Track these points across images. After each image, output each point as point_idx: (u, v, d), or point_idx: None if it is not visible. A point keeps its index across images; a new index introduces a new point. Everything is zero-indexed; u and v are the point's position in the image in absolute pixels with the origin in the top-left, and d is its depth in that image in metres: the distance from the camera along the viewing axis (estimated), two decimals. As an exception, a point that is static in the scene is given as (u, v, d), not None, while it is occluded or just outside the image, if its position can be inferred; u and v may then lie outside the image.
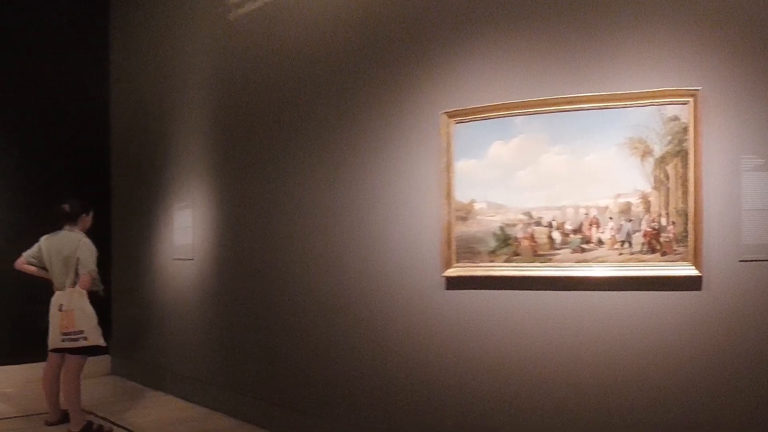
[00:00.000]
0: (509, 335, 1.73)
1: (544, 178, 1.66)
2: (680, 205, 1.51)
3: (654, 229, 1.54)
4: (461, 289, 1.82)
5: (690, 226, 1.50)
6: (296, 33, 2.34)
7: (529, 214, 1.68)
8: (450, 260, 1.82)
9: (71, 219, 2.57)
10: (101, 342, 2.53)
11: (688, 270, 1.49)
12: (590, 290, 1.60)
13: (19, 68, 3.27)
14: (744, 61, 1.47)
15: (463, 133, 1.80)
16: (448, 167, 1.82)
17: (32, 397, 3.02)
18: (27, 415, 2.79)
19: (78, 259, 2.48)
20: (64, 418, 2.61)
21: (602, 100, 1.58)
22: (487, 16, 1.78)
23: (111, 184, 3.65)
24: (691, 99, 1.49)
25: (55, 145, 3.38)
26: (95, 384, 3.30)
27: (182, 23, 3.05)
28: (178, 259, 3.07)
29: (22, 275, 2.60)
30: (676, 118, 1.52)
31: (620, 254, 1.56)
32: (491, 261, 1.74)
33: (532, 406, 1.69)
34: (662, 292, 1.53)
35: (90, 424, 2.54)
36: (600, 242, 1.59)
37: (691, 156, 1.50)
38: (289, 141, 2.38)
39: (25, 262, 2.59)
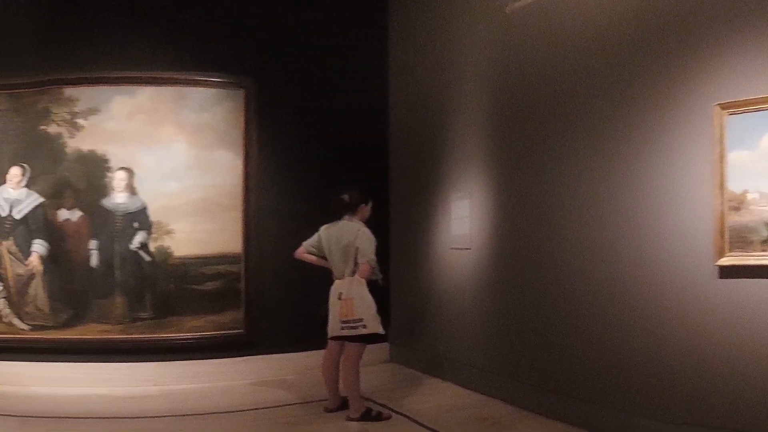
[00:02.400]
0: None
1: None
2: None
3: None
4: (734, 278, 2.96)
5: None
6: (571, 26, 3.93)
7: (803, 204, 2.66)
8: (723, 250, 3.01)
9: (351, 209, 4.32)
10: (380, 330, 4.14)
11: None
12: None
13: (300, 62, 5.61)
14: None
15: (735, 124, 2.98)
16: (721, 158, 3.04)
17: (312, 384, 4.94)
18: (307, 402, 4.66)
19: (357, 248, 4.14)
20: (343, 404, 4.28)
21: None
22: (761, 7, 2.94)
23: (389, 174, 5.93)
24: None
25: (335, 137, 5.60)
26: (374, 371, 5.17)
27: (459, 16, 4.94)
28: (455, 249, 5.00)
29: (302, 264, 4.42)
30: None
31: None
32: (763, 251, 2.89)
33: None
34: None
35: (369, 410, 4.15)
36: None
37: None
38: (564, 132, 3.90)
39: (304, 251, 4.37)
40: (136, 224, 5.34)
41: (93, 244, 5.36)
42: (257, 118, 5.47)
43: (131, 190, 5.35)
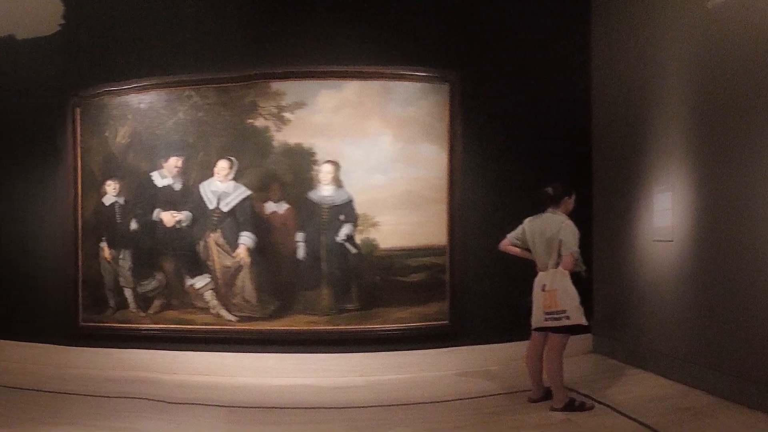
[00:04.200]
0: None
1: None
2: None
3: None
4: None
5: None
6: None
7: None
8: None
9: (554, 201, 5.40)
10: (583, 321, 5.17)
11: None
12: None
13: (504, 56, 6.97)
14: None
15: None
16: None
17: (516, 374, 6.11)
18: (511, 393, 5.87)
19: (560, 240, 5.20)
20: (546, 395, 5.37)
21: None
22: None
23: (592, 167, 7.27)
24: None
25: (539, 130, 6.94)
26: (577, 362, 6.38)
27: (661, 12, 6.22)
28: (657, 241, 6.19)
29: (506, 256, 5.67)
30: None
31: None
32: None
33: None
34: None
35: (572, 401, 5.17)
36: None
37: None
38: (766, 125, 4.81)
39: (509, 243, 5.60)
40: (342, 217, 6.76)
41: (300, 236, 6.83)
42: (462, 112, 6.84)
43: (337, 182, 6.77)
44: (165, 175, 6.96)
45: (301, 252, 6.72)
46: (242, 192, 6.78)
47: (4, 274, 7.59)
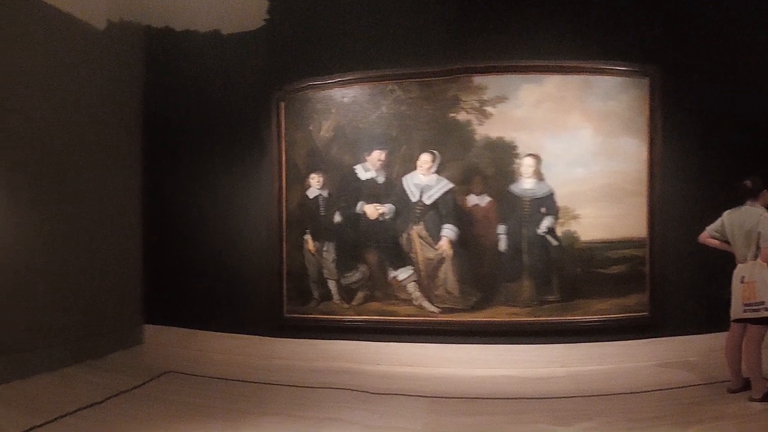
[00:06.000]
0: None
1: None
2: None
3: None
4: None
5: None
6: None
7: None
8: None
9: (753, 194, 7.65)
10: None
11: None
12: None
13: (705, 50, 9.59)
14: None
15: None
16: None
17: (715, 365, 8.23)
18: (710, 383, 7.96)
19: (759, 233, 7.36)
20: (745, 385, 7.44)
21: None
22: None
23: None
24: None
25: (737, 124, 9.34)
26: None
27: None
28: None
29: (706, 248, 8.09)
30: None
31: None
32: None
33: None
34: None
35: None
36: None
37: None
38: None
39: (708, 236, 8.03)
40: (543, 209, 9.75)
41: (501, 228, 9.91)
42: (661, 106, 9.58)
43: (538, 176, 9.76)
44: (368, 168, 10.20)
45: (502, 244, 9.70)
46: (445, 185, 9.85)
47: (210, 266, 11.05)
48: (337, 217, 10.56)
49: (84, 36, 10.53)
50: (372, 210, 10.37)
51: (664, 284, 9.68)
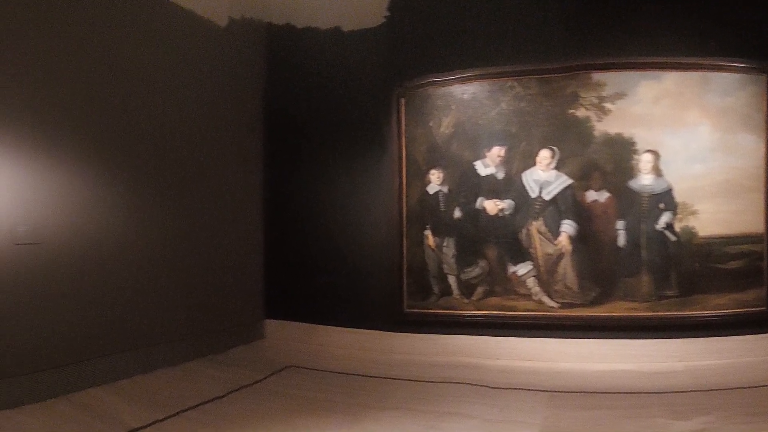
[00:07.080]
0: None
1: None
2: None
3: None
4: None
5: None
6: None
7: None
8: None
9: None
10: None
11: None
12: None
13: None
14: None
15: None
16: None
17: None
18: None
19: None
20: None
21: None
22: None
23: None
24: None
25: None
26: None
27: None
28: None
29: None
30: None
31: None
32: None
33: None
34: None
35: None
36: None
37: None
38: None
39: None
40: (661, 205, 11.53)
41: (620, 224, 11.67)
42: None
43: (657, 172, 11.63)
44: (488, 165, 12.11)
45: (621, 240, 11.47)
46: (564, 181, 11.75)
47: (330, 262, 13.25)
48: (457, 213, 12.71)
49: (206, 33, 12.52)
50: (492, 206, 12.48)
51: (783, 279, 11.38)
